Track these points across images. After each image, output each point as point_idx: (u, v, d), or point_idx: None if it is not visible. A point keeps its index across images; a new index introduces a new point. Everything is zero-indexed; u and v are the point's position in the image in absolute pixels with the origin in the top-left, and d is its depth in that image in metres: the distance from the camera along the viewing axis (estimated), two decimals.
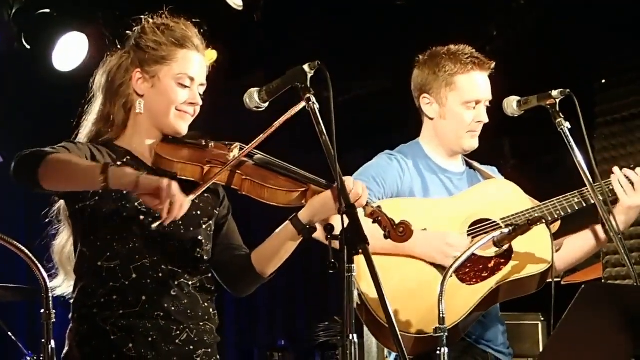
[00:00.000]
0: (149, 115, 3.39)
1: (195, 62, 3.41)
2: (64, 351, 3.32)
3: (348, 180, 3.23)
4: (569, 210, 3.99)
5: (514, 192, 4.15)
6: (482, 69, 4.11)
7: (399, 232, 3.29)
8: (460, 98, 4.10)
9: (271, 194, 3.32)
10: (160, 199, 2.97)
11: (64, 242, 3.44)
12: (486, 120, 4.12)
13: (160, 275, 3.28)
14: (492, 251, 3.93)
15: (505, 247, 3.93)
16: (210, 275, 3.42)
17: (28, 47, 6.76)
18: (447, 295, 3.80)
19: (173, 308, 3.29)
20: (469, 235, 3.99)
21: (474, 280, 3.90)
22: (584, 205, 4.00)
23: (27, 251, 3.34)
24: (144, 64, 3.38)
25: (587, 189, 3.94)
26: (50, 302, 3.31)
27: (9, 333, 6.44)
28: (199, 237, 3.38)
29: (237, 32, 7.33)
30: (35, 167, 3.08)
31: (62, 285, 3.43)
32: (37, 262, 3.31)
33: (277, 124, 3.27)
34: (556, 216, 3.99)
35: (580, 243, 4.13)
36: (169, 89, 3.37)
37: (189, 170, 3.28)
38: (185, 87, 3.38)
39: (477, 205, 4.06)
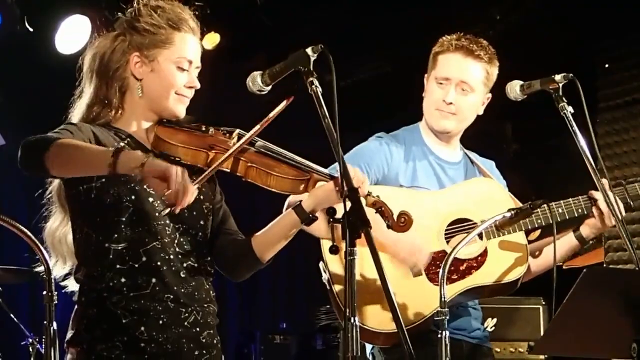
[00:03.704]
0: (147, 99, 3.37)
1: (192, 44, 3.39)
2: (69, 335, 3.30)
3: (349, 169, 3.21)
4: (567, 216, 3.98)
5: (499, 193, 4.12)
6: (463, 53, 4.09)
7: (400, 222, 3.28)
8: (433, 75, 4.14)
9: (277, 181, 3.31)
10: (168, 185, 2.95)
11: (56, 224, 3.41)
12: (449, 100, 4.08)
13: (170, 257, 3.28)
14: (466, 253, 3.91)
15: (485, 244, 3.93)
16: (209, 258, 3.43)
17: (31, 29, 6.76)
18: (413, 293, 3.85)
19: (182, 290, 3.29)
20: (447, 233, 3.97)
21: None
22: (585, 212, 3.99)
23: (29, 233, 3.35)
24: (143, 48, 3.35)
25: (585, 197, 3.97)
26: (53, 284, 3.31)
27: (11, 315, 6.46)
28: (202, 222, 3.40)
29: (239, 15, 7.32)
30: (43, 154, 3.04)
31: (54, 268, 3.41)
32: (39, 244, 3.31)
33: (276, 111, 3.25)
34: (559, 219, 3.97)
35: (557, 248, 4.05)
36: (169, 73, 3.35)
37: (192, 155, 3.25)
38: (184, 70, 3.37)
39: (459, 203, 4.03)
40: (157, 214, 3.25)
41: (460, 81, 4.08)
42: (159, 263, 3.26)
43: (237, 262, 3.49)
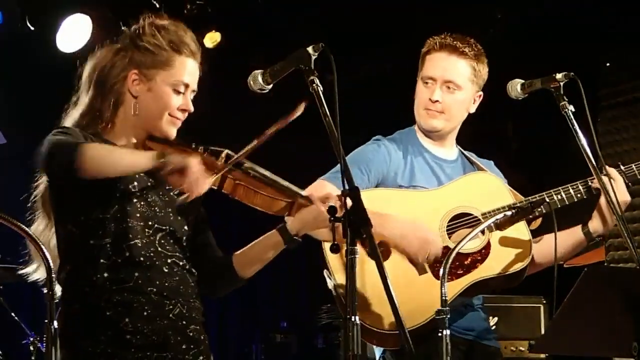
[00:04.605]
0: (141, 117, 3.40)
1: (190, 68, 3.42)
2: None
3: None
4: (567, 202, 3.98)
5: (497, 186, 4.12)
6: (448, 51, 4.10)
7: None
8: (421, 75, 4.16)
9: (264, 201, 3.33)
10: (186, 177, 3.07)
11: (40, 229, 3.44)
12: (435, 98, 4.08)
13: (153, 253, 3.31)
14: (469, 247, 3.91)
15: (485, 241, 3.93)
16: (191, 263, 3.45)
17: (32, 28, 6.76)
18: (420, 291, 3.84)
19: (166, 284, 3.32)
20: (448, 230, 3.97)
21: (449, 277, 3.82)
22: (584, 197, 3.99)
23: (30, 232, 3.35)
24: (143, 66, 3.39)
25: (589, 179, 3.95)
26: (54, 283, 3.31)
27: (12, 314, 6.46)
28: (186, 227, 3.43)
29: (240, 13, 7.33)
30: (73, 158, 3.08)
31: (38, 270, 3.45)
32: (40, 243, 3.32)
33: (269, 131, 3.22)
34: (559, 205, 3.98)
35: (560, 242, 3.99)
36: (165, 95, 3.38)
37: None
38: (180, 93, 3.40)
39: (458, 199, 4.03)
40: (138, 215, 3.30)
41: (445, 80, 4.09)
42: (142, 258, 3.29)
43: (217, 277, 3.52)
